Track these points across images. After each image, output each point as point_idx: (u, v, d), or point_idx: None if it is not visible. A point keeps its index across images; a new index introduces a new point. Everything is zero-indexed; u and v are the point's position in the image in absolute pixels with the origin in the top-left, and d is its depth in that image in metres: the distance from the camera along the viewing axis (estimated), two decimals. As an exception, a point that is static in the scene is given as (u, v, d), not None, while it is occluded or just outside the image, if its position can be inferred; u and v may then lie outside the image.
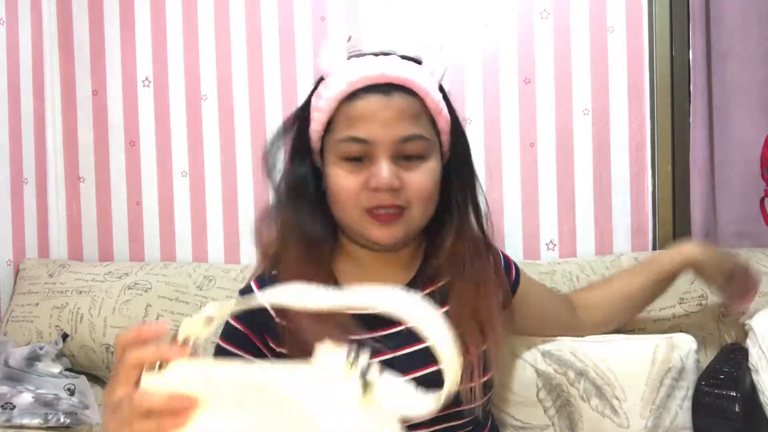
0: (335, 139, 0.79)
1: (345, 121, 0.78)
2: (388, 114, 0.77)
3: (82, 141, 1.58)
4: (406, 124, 0.77)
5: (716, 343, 1.13)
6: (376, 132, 0.77)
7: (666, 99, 1.37)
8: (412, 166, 0.78)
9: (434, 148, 0.81)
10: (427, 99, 0.80)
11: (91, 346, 1.28)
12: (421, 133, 0.78)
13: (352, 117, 0.78)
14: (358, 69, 0.79)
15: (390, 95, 0.78)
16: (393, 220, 0.77)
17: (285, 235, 0.84)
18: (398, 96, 0.78)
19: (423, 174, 0.78)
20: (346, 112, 0.79)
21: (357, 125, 0.77)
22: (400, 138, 0.77)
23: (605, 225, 1.40)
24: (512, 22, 1.40)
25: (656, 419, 1.03)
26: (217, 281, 1.34)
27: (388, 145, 0.77)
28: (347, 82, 0.78)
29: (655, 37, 1.37)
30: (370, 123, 0.77)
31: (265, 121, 1.49)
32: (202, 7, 1.51)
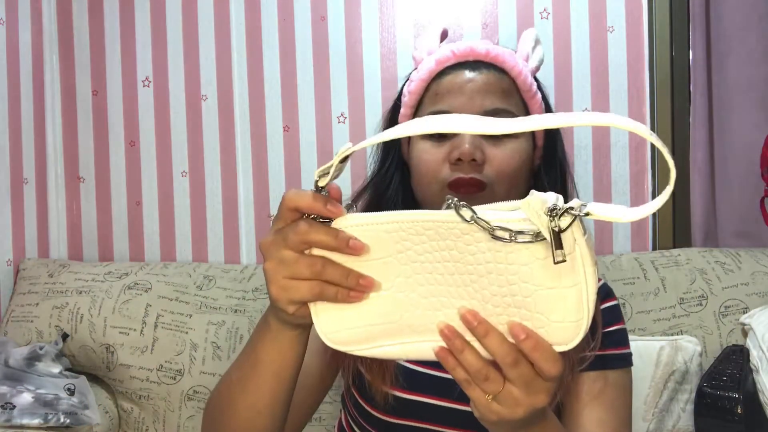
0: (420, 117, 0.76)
1: (432, 98, 0.77)
2: (474, 86, 0.75)
3: (82, 141, 1.58)
4: (493, 97, 0.75)
5: (716, 343, 1.13)
6: (461, 104, 0.74)
7: (666, 99, 1.37)
8: (499, 143, 0.74)
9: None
10: (519, 79, 0.77)
11: (91, 346, 1.28)
12: (510, 109, 0.75)
13: (439, 92, 0.76)
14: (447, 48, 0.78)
15: (478, 69, 0.76)
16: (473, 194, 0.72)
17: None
18: (486, 70, 0.76)
19: (509, 152, 0.74)
20: (433, 89, 0.77)
21: (443, 99, 0.75)
22: (485, 110, 0.74)
23: (605, 225, 1.40)
24: (512, 22, 1.40)
25: (659, 422, 1.03)
26: (217, 281, 1.34)
27: None
28: (436, 60, 0.78)
29: (655, 37, 1.36)
30: (456, 96, 0.75)
31: (265, 121, 1.49)
32: (202, 7, 1.51)
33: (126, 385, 1.26)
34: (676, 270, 1.20)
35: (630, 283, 1.20)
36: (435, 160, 0.74)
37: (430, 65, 0.78)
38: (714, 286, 1.17)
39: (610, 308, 0.82)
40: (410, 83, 0.81)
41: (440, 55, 0.78)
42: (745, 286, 1.16)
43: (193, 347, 1.25)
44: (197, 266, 1.40)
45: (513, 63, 0.77)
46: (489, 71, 0.76)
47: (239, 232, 1.51)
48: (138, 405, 1.27)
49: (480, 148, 0.72)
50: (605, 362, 0.77)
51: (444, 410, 0.77)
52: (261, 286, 1.32)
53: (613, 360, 0.78)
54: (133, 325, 1.28)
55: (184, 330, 1.27)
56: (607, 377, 0.76)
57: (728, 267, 1.19)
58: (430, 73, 0.78)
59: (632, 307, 1.17)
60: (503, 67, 0.77)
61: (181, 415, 1.23)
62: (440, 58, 0.77)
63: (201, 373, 1.23)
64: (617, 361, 0.78)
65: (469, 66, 0.76)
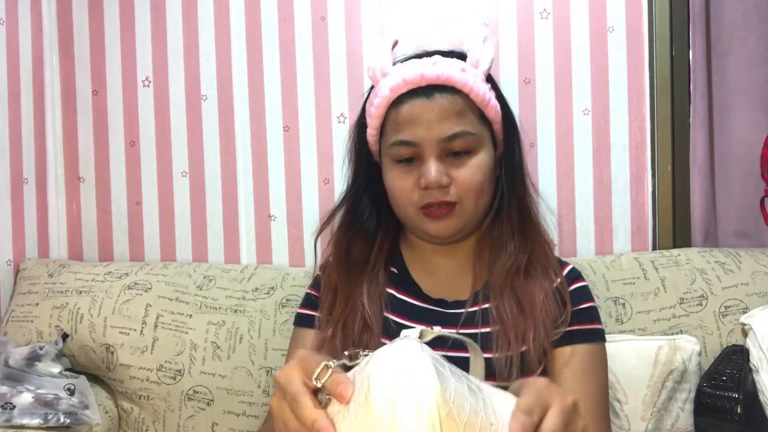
0: (387, 143, 0.85)
1: (393, 126, 0.84)
2: (431, 115, 0.80)
3: (82, 141, 1.58)
4: (449, 123, 0.80)
5: (716, 343, 1.13)
6: (421, 134, 0.81)
7: (666, 99, 1.37)
8: (460, 162, 0.82)
9: (483, 141, 0.84)
10: (472, 94, 0.82)
11: (91, 346, 1.28)
12: (466, 130, 0.81)
13: (399, 122, 0.83)
14: (399, 74, 0.82)
15: (431, 97, 0.81)
16: (445, 215, 0.82)
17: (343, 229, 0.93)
18: (440, 96, 0.81)
19: (472, 169, 0.82)
20: (393, 117, 0.84)
21: (404, 129, 0.82)
22: (444, 137, 0.80)
23: (605, 225, 1.40)
24: (512, 22, 1.40)
25: (657, 422, 1.03)
26: (217, 281, 1.34)
27: (433, 145, 0.81)
28: (390, 87, 0.83)
29: (655, 37, 1.37)
30: (415, 126, 0.81)
31: (265, 121, 1.49)
32: (202, 7, 1.51)
33: (126, 385, 1.26)
34: (676, 270, 1.20)
35: (630, 283, 1.20)
36: (406, 187, 0.83)
37: (386, 92, 0.83)
38: (714, 286, 1.17)
39: (579, 288, 0.89)
40: (371, 105, 0.87)
41: (393, 83, 0.82)
42: (745, 286, 1.16)
43: (193, 347, 1.25)
44: (197, 266, 1.40)
45: (462, 81, 0.82)
46: (442, 95, 0.81)
47: (239, 232, 1.51)
48: (138, 405, 1.27)
49: (444, 172, 0.81)
50: (574, 337, 0.84)
51: None
52: (261, 286, 1.32)
53: (582, 335, 0.84)
54: (133, 325, 1.28)
55: (184, 330, 1.27)
56: (575, 350, 0.83)
57: (728, 267, 1.19)
58: (386, 99, 0.83)
59: (632, 307, 1.17)
60: (454, 86, 0.82)
61: (181, 415, 1.23)
62: (393, 86, 0.82)
63: (201, 373, 1.23)
64: (586, 335, 0.84)
65: (422, 93, 0.81)
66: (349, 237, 0.92)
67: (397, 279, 0.92)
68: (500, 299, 0.83)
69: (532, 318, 0.80)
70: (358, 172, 0.93)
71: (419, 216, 0.84)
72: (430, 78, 0.81)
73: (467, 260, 0.90)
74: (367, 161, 0.92)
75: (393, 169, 0.85)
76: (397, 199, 0.85)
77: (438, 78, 0.81)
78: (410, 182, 0.83)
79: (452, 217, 0.83)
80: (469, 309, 0.85)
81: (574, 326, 0.84)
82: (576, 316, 0.85)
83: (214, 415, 1.22)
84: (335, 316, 0.87)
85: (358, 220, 0.92)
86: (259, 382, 1.21)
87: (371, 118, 0.87)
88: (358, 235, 0.92)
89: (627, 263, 1.24)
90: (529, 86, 1.40)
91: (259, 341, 1.24)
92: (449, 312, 0.87)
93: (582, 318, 0.86)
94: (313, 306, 0.94)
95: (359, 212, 0.92)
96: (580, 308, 0.86)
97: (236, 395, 1.21)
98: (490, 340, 0.81)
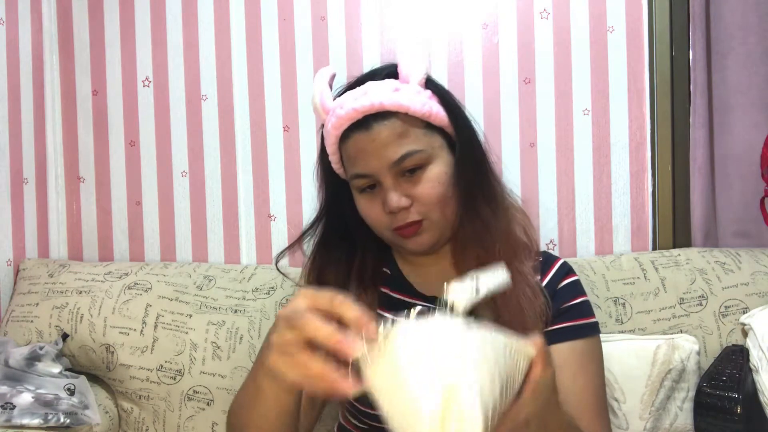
0: (349, 175, 0.87)
1: (348, 160, 0.85)
2: (373, 146, 0.82)
3: (82, 141, 1.58)
4: (393, 147, 0.81)
5: (716, 343, 1.13)
6: (371, 165, 0.82)
7: (666, 99, 1.37)
8: (416, 179, 0.83)
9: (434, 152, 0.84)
10: (409, 111, 0.82)
11: (91, 346, 1.28)
12: (413, 149, 0.82)
13: (350, 156, 0.84)
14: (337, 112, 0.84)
15: (370, 128, 0.82)
16: (416, 233, 0.84)
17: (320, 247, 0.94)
18: (377, 124, 0.82)
19: (428, 183, 0.83)
20: (344, 152, 0.85)
21: (356, 163, 0.84)
22: (392, 162, 0.81)
23: (605, 225, 1.40)
24: (512, 22, 1.40)
25: (655, 421, 1.03)
26: (217, 281, 1.34)
27: (386, 172, 0.82)
28: (332, 126, 0.84)
29: (655, 37, 1.36)
30: (364, 158, 0.83)
31: (265, 121, 1.49)
32: (202, 7, 1.51)
33: (126, 385, 1.26)
34: (676, 270, 1.20)
35: (630, 283, 1.20)
36: (376, 214, 0.85)
37: (330, 131, 0.85)
38: (714, 286, 1.17)
39: (571, 283, 0.89)
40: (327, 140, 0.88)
41: (333, 121, 0.84)
42: (745, 286, 1.16)
43: (193, 347, 1.25)
44: (197, 266, 1.40)
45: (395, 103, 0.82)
46: (379, 123, 0.82)
47: (239, 232, 1.51)
48: (138, 405, 1.27)
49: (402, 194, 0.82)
50: (569, 333, 0.84)
51: None
52: (261, 286, 1.32)
53: (577, 330, 0.84)
54: (133, 325, 1.28)
55: (184, 330, 1.27)
56: (571, 347, 0.83)
57: (728, 267, 1.19)
58: (335, 138, 0.85)
59: (632, 307, 1.17)
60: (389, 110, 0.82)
61: (181, 415, 1.23)
62: (334, 124, 0.84)
63: (201, 373, 1.23)
64: (580, 330, 0.85)
65: (361, 125, 0.82)
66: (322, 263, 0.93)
67: (390, 279, 0.94)
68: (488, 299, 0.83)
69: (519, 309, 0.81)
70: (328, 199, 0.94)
71: (395, 237, 0.85)
72: (363, 109, 0.81)
73: (453, 258, 0.91)
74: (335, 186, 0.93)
75: (360, 199, 0.87)
76: (371, 226, 0.87)
77: (371, 107, 0.81)
78: (378, 208, 0.84)
79: (423, 233, 0.84)
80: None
81: (568, 322, 0.85)
82: (569, 311, 0.86)
83: (214, 415, 1.22)
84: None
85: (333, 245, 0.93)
86: (259, 382, 1.21)
87: (330, 154, 0.89)
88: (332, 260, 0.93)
89: (627, 263, 1.24)
90: (529, 86, 1.40)
91: (259, 341, 1.24)
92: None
93: (575, 314, 0.86)
94: None
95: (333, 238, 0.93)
96: (573, 303, 0.87)
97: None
98: None
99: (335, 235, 0.93)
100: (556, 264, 0.91)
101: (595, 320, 0.88)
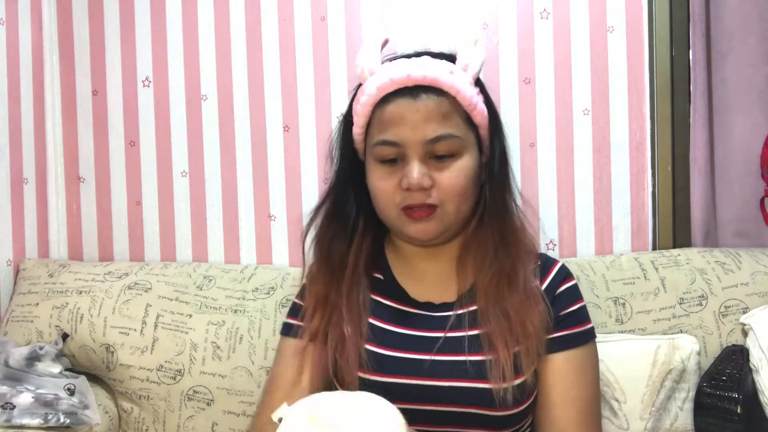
0: (371, 143, 0.84)
1: (378, 125, 0.83)
2: (416, 116, 0.79)
3: (82, 141, 1.58)
4: (434, 125, 0.80)
5: (716, 343, 1.13)
6: (405, 135, 0.80)
7: (666, 99, 1.37)
8: (444, 165, 0.81)
9: (468, 145, 0.83)
10: (459, 96, 0.81)
11: (91, 346, 1.28)
12: (451, 132, 0.80)
13: (384, 121, 0.81)
14: (386, 73, 0.81)
15: (417, 97, 0.80)
16: (426, 217, 0.81)
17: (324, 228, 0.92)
18: (426, 97, 0.80)
19: (455, 172, 0.81)
20: (378, 116, 0.82)
21: (388, 129, 0.81)
22: (428, 139, 0.79)
23: (605, 225, 1.40)
24: (512, 22, 1.40)
25: (656, 421, 1.03)
26: (217, 281, 1.34)
27: (417, 147, 0.80)
28: (377, 86, 0.82)
29: (655, 37, 1.36)
30: (400, 126, 0.80)
31: (265, 121, 1.49)
32: (202, 7, 1.51)
33: (126, 385, 1.26)
34: (676, 270, 1.20)
35: (630, 283, 1.20)
36: (389, 188, 0.82)
37: (372, 91, 0.82)
38: (714, 286, 1.17)
39: (569, 289, 0.88)
40: (357, 105, 0.86)
41: (380, 82, 0.82)
42: (745, 286, 1.16)
43: (193, 347, 1.25)
44: (197, 266, 1.40)
45: (449, 83, 0.81)
46: (428, 96, 0.80)
47: (239, 232, 1.51)
48: (138, 405, 1.27)
49: (427, 174, 0.80)
50: (566, 342, 0.84)
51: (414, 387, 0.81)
52: (261, 286, 1.32)
53: (573, 339, 0.84)
54: (133, 325, 1.28)
55: (184, 330, 1.27)
56: (567, 356, 0.83)
57: (728, 267, 1.19)
58: (373, 98, 0.83)
59: (632, 307, 1.17)
60: (441, 88, 0.81)
61: (181, 415, 1.23)
62: (380, 86, 0.81)
63: (201, 373, 1.23)
64: (577, 338, 0.84)
65: (408, 93, 0.81)
66: (331, 235, 0.91)
67: (383, 285, 0.92)
68: (487, 304, 0.83)
69: (519, 324, 0.80)
70: (342, 170, 0.92)
71: (401, 217, 0.83)
72: (417, 78, 0.80)
73: (451, 264, 0.90)
74: (350, 159, 0.91)
75: (376, 169, 0.84)
76: (379, 200, 0.85)
77: (425, 78, 0.80)
78: (393, 183, 0.82)
79: (433, 220, 0.82)
80: (457, 312, 0.85)
81: (565, 330, 0.84)
82: (567, 319, 0.85)
83: (214, 415, 1.22)
84: (314, 326, 0.87)
85: (340, 219, 0.92)
86: (259, 382, 1.21)
87: (357, 117, 0.86)
88: (339, 234, 0.91)
89: (627, 263, 1.24)
90: (529, 86, 1.40)
91: (259, 341, 1.24)
92: (436, 315, 0.87)
93: (572, 321, 0.86)
94: (297, 315, 0.94)
95: (342, 210, 0.91)
96: (571, 311, 0.86)
97: (236, 395, 1.21)
98: (478, 343, 0.81)
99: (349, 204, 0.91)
100: (554, 268, 0.90)
101: (591, 326, 0.87)
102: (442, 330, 0.84)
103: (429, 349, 0.82)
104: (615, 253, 1.38)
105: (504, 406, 0.78)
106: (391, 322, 0.87)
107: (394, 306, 0.89)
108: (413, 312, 0.88)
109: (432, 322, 0.86)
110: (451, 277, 0.89)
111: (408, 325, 0.86)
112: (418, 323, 0.86)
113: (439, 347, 0.82)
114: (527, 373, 0.80)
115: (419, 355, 0.82)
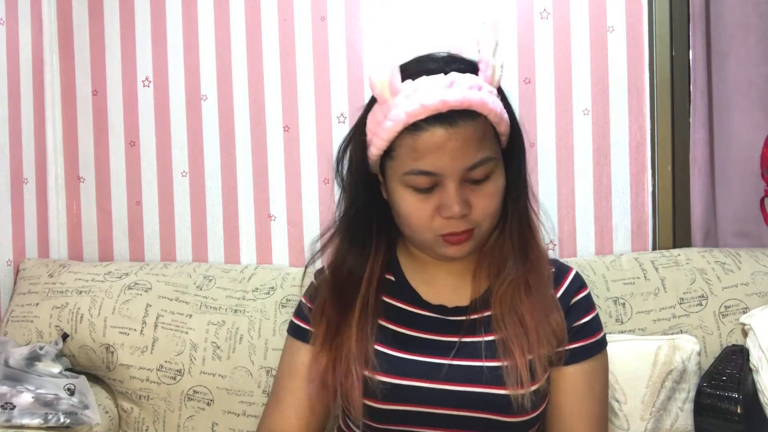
0: (400, 170, 0.78)
1: (409, 152, 0.76)
2: (454, 145, 0.75)
3: (82, 141, 1.58)
4: (472, 151, 0.76)
5: (716, 343, 1.13)
6: (443, 164, 0.75)
7: (666, 99, 1.37)
8: (479, 189, 0.78)
9: (498, 160, 0.80)
10: (491, 115, 0.77)
11: (91, 346, 1.28)
12: (488, 155, 0.77)
13: (418, 149, 0.75)
14: (417, 98, 0.75)
15: (455, 124, 0.75)
16: (465, 240, 0.80)
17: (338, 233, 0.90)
18: (463, 123, 0.75)
19: (490, 195, 0.79)
20: (409, 143, 0.76)
21: (423, 158, 0.75)
22: (467, 167, 0.76)
23: (605, 225, 1.40)
24: (512, 22, 1.40)
25: (656, 422, 1.03)
26: (217, 281, 1.34)
27: (456, 175, 0.76)
28: (406, 112, 0.75)
29: (655, 37, 1.37)
30: (437, 155, 0.75)
31: (265, 121, 1.49)
32: (202, 7, 1.51)
33: (126, 385, 1.26)
34: (676, 270, 1.20)
35: (630, 283, 1.20)
36: (424, 215, 0.78)
37: (399, 116, 0.75)
38: (714, 286, 1.17)
39: (583, 298, 0.87)
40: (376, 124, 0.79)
41: (409, 108, 0.75)
42: (745, 286, 1.16)
43: (193, 347, 1.25)
44: (197, 266, 1.40)
45: (481, 103, 0.75)
46: (465, 122, 0.75)
47: (239, 232, 1.51)
48: (138, 405, 1.27)
49: (466, 200, 0.77)
50: (578, 354, 0.83)
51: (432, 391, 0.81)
52: (261, 286, 1.32)
53: (586, 350, 0.84)
54: (133, 325, 1.28)
55: (184, 330, 1.27)
56: (580, 368, 0.83)
57: (728, 267, 1.19)
58: (402, 124, 0.76)
59: (632, 307, 1.17)
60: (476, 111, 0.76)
61: (181, 415, 1.23)
62: (410, 112, 0.74)
63: (201, 373, 1.23)
64: (589, 350, 0.84)
65: (444, 119, 0.74)
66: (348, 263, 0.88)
67: (395, 288, 0.90)
68: (502, 311, 0.82)
69: (534, 333, 0.80)
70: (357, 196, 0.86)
71: (437, 242, 0.80)
72: (453, 104, 0.74)
73: (467, 270, 0.89)
74: (366, 179, 0.85)
75: (407, 196, 0.79)
76: (413, 226, 0.80)
77: (461, 104, 0.74)
78: (428, 210, 0.78)
79: (470, 241, 0.80)
80: (470, 317, 0.84)
81: (578, 342, 0.84)
82: (581, 331, 0.84)
83: (214, 415, 1.22)
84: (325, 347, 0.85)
85: (356, 245, 0.88)
86: (259, 382, 1.21)
87: (377, 138, 0.79)
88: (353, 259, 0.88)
89: (627, 263, 1.24)
90: (529, 86, 1.40)
91: (259, 341, 1.24)
92: (450, 319, 0.86)
93: (586, 332, 0.85)
94: (306, 318, 0.92)
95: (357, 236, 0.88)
96: (585, 321, 0.85)
97: (236, 395, 1.21)
98: (494, 349, 0.81)
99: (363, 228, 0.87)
100: (568, 276, 0.89)
101: (603, 334, 0.86)
102: (456, 334, 0.83)
103: (445, 353, 0.82)
104: (615, 253, 1.38)
105: (522, 412, 0.78)
106: (404, 325, 0.86)
107: (407, 308, 0.88)
108: (426, 315, 0.87)
109: (445, 325, 0.85)
110: (466, 281, 0.88)
111: (421, 329, 0.85)
112: (429, 326, 0.85)
113: (456, 352, 0.81)
114: (542, 379, 0.80)
115: (436, 359, 0.82)
